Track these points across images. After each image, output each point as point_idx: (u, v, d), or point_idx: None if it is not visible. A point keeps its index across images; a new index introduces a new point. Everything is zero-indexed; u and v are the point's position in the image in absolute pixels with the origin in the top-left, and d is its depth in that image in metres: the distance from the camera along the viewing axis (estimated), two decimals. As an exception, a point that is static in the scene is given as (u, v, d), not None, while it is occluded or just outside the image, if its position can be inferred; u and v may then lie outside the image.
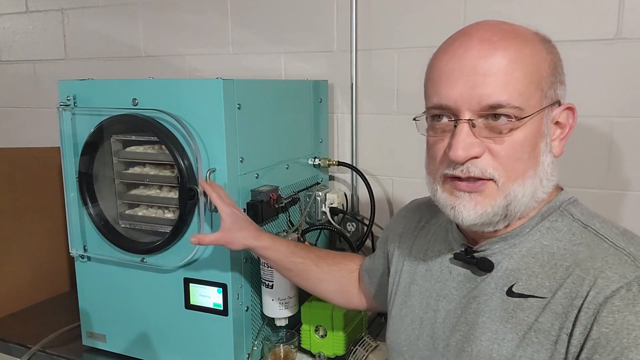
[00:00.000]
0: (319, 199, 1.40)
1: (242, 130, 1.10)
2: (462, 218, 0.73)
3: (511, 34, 0.71)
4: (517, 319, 0.72)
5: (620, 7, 1.21)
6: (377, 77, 1.48)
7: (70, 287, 1.62)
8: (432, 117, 0.76)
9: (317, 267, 1.08)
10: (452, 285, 0.83)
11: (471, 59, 0.70)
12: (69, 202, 1.22)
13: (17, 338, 1.35)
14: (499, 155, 0.70)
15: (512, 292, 0.74)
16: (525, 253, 0.75)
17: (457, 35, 0.74)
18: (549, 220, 0.76)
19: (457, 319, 0.80)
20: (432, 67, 0.76)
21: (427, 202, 0.98)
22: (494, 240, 0.78)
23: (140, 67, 1.81)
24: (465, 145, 0.70)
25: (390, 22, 1.44)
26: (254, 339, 1.19)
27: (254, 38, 1.62)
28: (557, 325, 0.69)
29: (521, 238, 0.76)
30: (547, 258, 0.73)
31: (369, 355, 1.16)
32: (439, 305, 0.83)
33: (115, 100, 1.14)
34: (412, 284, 0.90)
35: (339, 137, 1.56)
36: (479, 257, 0.78)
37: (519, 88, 0.69)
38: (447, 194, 0.75)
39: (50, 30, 1.95)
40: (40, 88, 2.02)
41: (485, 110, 0.70)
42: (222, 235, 1.02)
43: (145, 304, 1.20)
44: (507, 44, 0.70)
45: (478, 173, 0.71)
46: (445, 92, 0.72)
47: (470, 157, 0.70)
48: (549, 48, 0.74)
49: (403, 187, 1.51)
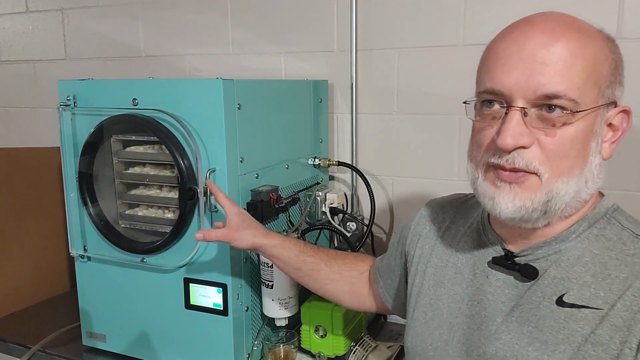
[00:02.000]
0: (319, 199, 1.40)
1: (242, 130, 1.10)
2: (499, 210, 0.70)
3: (575, 28, 0.70)
4: (569, 330, 0.69)
5: (620, 7, 1.21)
6: (377, 77, 1.48)
7: (70, 287, 1.62)
8: (482, 102, 0.73)
9: (327, 266, 1.05)
10: (488, 290, 0.79)
11: (531, 47, 0.68)
12: (69, 202, 1.22)
13: (17, 338, 1.35)
14: (547, 148, 0.68)
15: (562, 301, 0.71)
16: (574, 261, 0.72)
17: (519, 23, 0.72)
18: (597, 227, 0.74)
19: (496, 327, 0.76)
20: (489, 52, 0.73)
21: (452, 202, 0.96)
22: (537, 245, 0.75)
23: (140, 67, 1.81)
24: (515, 133, 0.67)
25: (390, 22, 1.44)
26: (254, 339, 1.19)
27: (254, 38, 1.62)
28: (617, 339, 0.66)
29: (567, 244, 0.74)
30: (599, 268, 0.71)
31: (369, 355, 1.16)
32: (472, 311, 0.80)
33: (115, 100, 1.14)
34: (439, 287, 0.86)
35: (339, 137, 1.56)
36: (522, 263, 0.75)
37: (577, 81, 0.67)
38: (489, 182, 0.72)
39: (50, 30, 1.95)
40: (40, 88, 2.02)
41: (540, 100, 0.67)
42: (229, 232, 1.00)
43: (145, 304, 1.20)
44: (570, 36, 0.68)
45: (523, 165, 0.68)
46: (500, 77, 0.69)
47: (518, 146, 0.68)
48: (611, 47, 0.72)
49: (403, 187, 1.51)
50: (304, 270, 1.04)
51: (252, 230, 1.01)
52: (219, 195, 1.02)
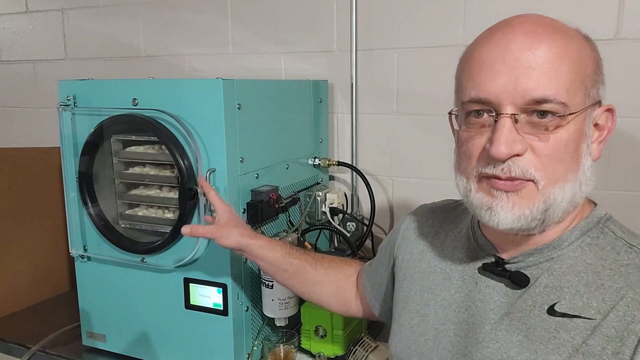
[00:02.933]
0: (319, 199, 1.40)
1: (242, 130, 1.10)
2: (497, 220, 0.68)
3: (555, 28, 0.68)
4: (560, 340, 0.68)
5: (620, 7, 1.21)
6: (377, 77, 1.48)
7: (70, 287, 1.62)
8: (467, 112, 0.70)
9: (313, 269, 1.04)
10: (477, 297, 0.77)
11: (515, 51, 0.65)
12: (69, 202, 1.22)
13: (17, 338, 1.35)
14: (541, 154, 0.66)
15: (554, 311, 0.69)
16: (567, 270, 0.71)
17: (499, 26, 0.70)
18: (589, 236, 0.72)
19: (484, 335, 0.74)
20: (470, 58, 0.71)
21: (441, 207, 0.94)
22: (528, 252, 0.73)
23: (140, 67, 1.81)
24: (508, 141, 0.65)
25: (390, 22, 1.44)
26: (254, 339, 1.19)
27: (254, 38, 1.62)
28: (609, 350, 0.65)
29: (559, 252, 0.72)
30: (592, 277, 0.69)
31: (369, 355, 1.16)
32: (460, 317, 0.78)
33: (115, 100, 1.14)
34: (427, 293, 0.84)
35: (339, 137, 1.56)
36: (513, 270, 0.73)
37: (565, 83, 0.65)
38: (484, 193, 0.70)
39: (50, 30, 1.95)
40: (40, 88, 2.02)
41: (529, 105, 0.65)
42: (217, 228, 1.00)
43: (145, 304, 1.20)
44: (553, 37, 0.66)
45: (519, 173, 0.66)
46: (486, 84, 0.67)
47: (512, 154, 0.66)
48: (592, 46, 0.71)
49: (403, 187, 1.51)
50: (290, 271, 1.03)
51: (240, 229, 1.01)
52: (210, 193, 1.02)
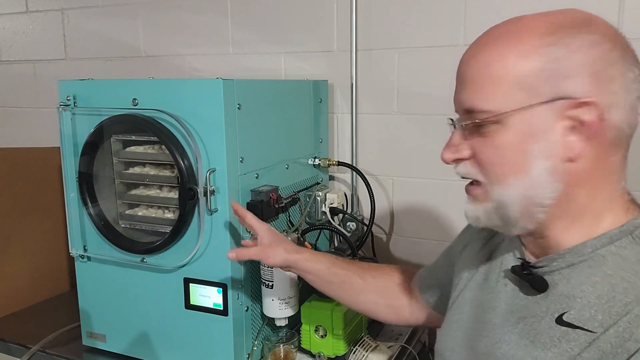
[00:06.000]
0: (319, 199, 1.40)
1: (242, 130, 1.10)
2: (467, 216, 0.75)
3: (504, 35, 0.68)
4: (560, 349, 0.67)
5: (620, 7, 1.21)
6: (377, 77, 1.48)
7: (70, 287, 1.62)
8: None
9: (360, 278, 1.04)
10: (502, 299, 0.77)
11: (462, 63, 0.72)
12: (69, 202, 1.22)
13: (17, 338, 1.35)
14: (480, 158, 0.71)
15: (561, 320, 0.69)
16: (584, 279, 0.68)
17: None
18: (616, 245, 0.68)
19: (500, 336, 0.75)
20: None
21: None
22: (551, 257, 0.72)
23: (140, 67, 1.81)
24: (449, 146, 0.73)
25: (390, 22, 1.44)
26: (254, 339, 1.19)
27: (254, 38, 1.62)
28: None
29: (580, 257, 0.69)
30: (607, 289, 0.66)
31: (369, 355, 1.16)
32: (486, 318, 0.79)
33: (115, 100, 1.14)
34: (466, 290, 0.85)
35: (339, 137, 1.56)
36: (536, 275, 0.73)
37: (487, 92, 0.68)
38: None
39: (50, 30, 1.95)
40: (40, 88, 2.02)
41: (465, 115, 0.71)
42: (262, 250, 1.02)
43: (145, 304, 1.20)
44: (490, 47, 0.68)
45: (464, 174, 0.73)
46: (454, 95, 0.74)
47: (455, 158, 0.73)
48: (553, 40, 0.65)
49: (403, 187, 1.51)
50: (336, 282, 1.05)
51: (284, 246, 1.03)
52: (247, 216, 1.04)
